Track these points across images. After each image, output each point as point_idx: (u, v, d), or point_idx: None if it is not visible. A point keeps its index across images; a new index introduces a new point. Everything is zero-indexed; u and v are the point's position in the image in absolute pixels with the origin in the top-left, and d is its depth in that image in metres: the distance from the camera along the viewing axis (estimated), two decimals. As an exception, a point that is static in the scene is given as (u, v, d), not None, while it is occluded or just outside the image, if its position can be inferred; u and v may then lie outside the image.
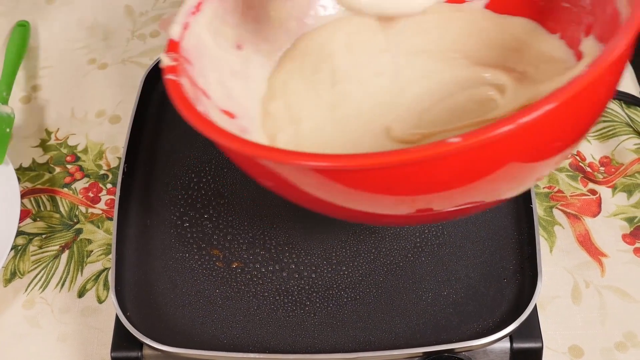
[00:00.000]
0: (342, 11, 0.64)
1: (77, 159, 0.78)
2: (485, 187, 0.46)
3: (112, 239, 0.63)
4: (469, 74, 0.59)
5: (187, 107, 0.50)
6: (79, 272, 0.70)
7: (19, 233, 0.73)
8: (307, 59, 0.63)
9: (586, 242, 0.70)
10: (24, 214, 0.74)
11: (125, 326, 0.58)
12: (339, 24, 0.64)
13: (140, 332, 0.58)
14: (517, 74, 0.58)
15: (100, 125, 0.81)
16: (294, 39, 0.64)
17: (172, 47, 0.54)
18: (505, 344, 0.58)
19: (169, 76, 0.51)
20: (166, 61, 0.52)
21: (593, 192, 0.73)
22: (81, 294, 0.69)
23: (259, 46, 0.62)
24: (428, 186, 0.45)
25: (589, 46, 0.55)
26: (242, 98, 0.52)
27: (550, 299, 0.67)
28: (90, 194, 0.75)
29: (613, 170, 0.74)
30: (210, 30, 0.57)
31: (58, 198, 0.75)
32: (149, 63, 0.76)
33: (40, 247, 0.72)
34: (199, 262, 0.63)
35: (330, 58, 0.62)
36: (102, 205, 0.75)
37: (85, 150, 0.79)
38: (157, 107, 0.73)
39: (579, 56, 0.57)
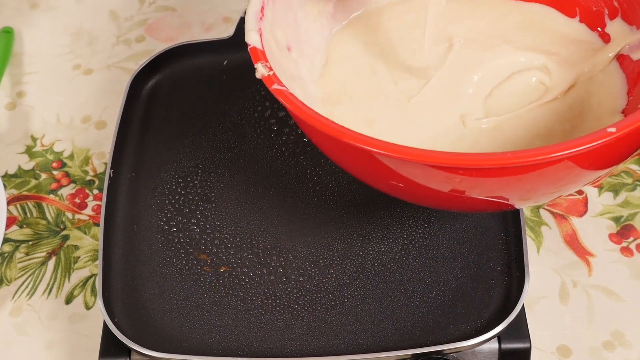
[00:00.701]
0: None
1: (63, 165, 0.78)
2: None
3: (99, 244, 0.63)
4: (516, 59, 0.62)
5: (312, 116, 0.50)
6: (66, 279, 0.70)
7: (5, 240, 0.72)
8: (358, 61, 0.64)
9: (573, 242, 0.70)
10: (10, 221, 0.74)
11: (113, 332, 0.58)
12: (367, 22, 0.66)
13: (128, 338, 0.57)
14: (554, 55, 0.61)
15: (86, 131, 0.80)
16: (328, 40, 0.65)
17: (259, 55, 0.54)
18: (494, 345, 0.58)
19: (276, 87, 0.52)
20: (264, 71, 0.53)
21: (579, 191, 0.73)
22: (69, 300, 0.69)
23: (301, 48, 0.62)
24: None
25: (617, 28, 0.60)
26: (305, 102, 0.54)
27: (537, 299, 0.67)
28: (77, 200, 0.75)
29: (599, 169, 0.74)
30: (271, 34, 0.58)
31: (44, 204, 0.75)
32: (135, 68, 0.76)
33: (27, 254, 0.72)
34: (187, 267, 0.63)
35: (382, 58, 0.64)
36: (88, 211, 0.74)
37: (71, 156, 0.78)
38: (143, 112, 0.73)
39: (604, 38, 0.61)
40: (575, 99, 0.58)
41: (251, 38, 0.55)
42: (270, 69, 0.53)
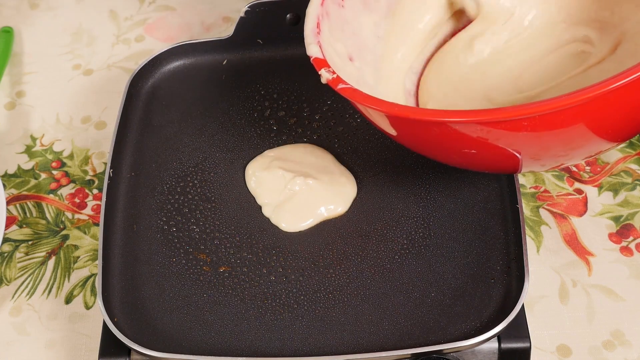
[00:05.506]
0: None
1: (63, 164, 0.78)
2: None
3: (99, 244, 0.63)
4: (558, 38, 0.63)
5: (381, 103, 0.54)
6: (66, 279, 0.70)
7: (5, 240, 0.72)
8: None
9: (573, 242, 0.70)
10: (10, 221, 0.74)
11: (113, 332, 0.58)
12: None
13: (128, 338, 0.57)
14: (598, 23, 0.61)
15: (85, 132, 0.80)
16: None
17: (322, 63, 0.58)
18: (494, 345, 0.58)
19: (341, 86, 0.56)
20: (328, 75, 0.57)
21: (579, 191, 0.73)
22: (68, 300, 0.69)
23: (363, 56, 0.65)
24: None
25: None
26: None
27: (537, 298, 0.67)
28: (77, 200, 0.75)
29: (599, 169, 0.74)
30: (330, 46, 0.61)
31: (44, 204, 0.75)
32: (134, 68, 0.76)
33: (26, 254, 0.72)
34: (186, 267, 0.63)
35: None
36: (88, 210, 0.74)
37: (70, 156, 0.78)
38: (143, 112, 0.73)
39: None
40: (626, 54, 0.59)
41: (312, 50, 0.59)
42: (334, 72, 0.57)
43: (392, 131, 0.57)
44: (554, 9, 0.64)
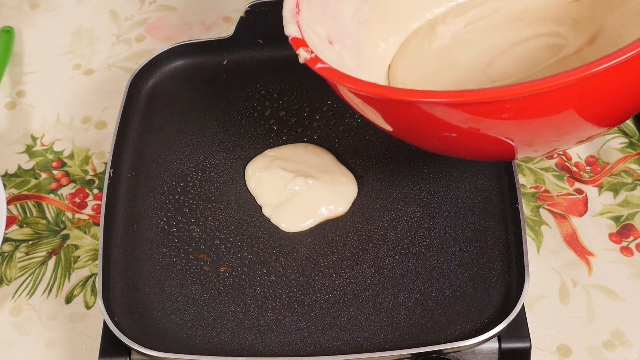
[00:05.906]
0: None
1: (63, 164, 0.78)
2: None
3: (99, 244, 0.63)
4: (525, 31, 0.62)
5: (356, 82, 0.53)
6: (66, 278, 0.70)
7: (5, 240, 0.72)
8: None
9: (573, 242, 0.70)
10: (10, 221, 0.74)
11: (113, 332, 0.58)
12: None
13: (128, 338, 0.57)
14: (570, 20, 0.61)
15: (86, 131, 0.80)
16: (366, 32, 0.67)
17: (300, 43, 0.57)
18: (494, 344, 0.58)
19: (319, 65, 0.54)
20: (306, 55, 0.55)
21: (579, 191, 0.73)
22: (69, 300, 0.69)
23: (343, 40, 0.64)
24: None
25: None
26: None
27: (537, 298, 0.67)
28: (77, 200, 0.75)
29: (599, 169, 0.74)
30: (310, 28, 0.60)
31: (44, 204, 0.75)
32: (135, 67, 0.76)
33: (27, 254, 0.72)
34: (187, 267, 0.63)
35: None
36: (88, 210, 0.74)
37: (71, 156, 0.78)
38: (143, 112, 0.73)
39: None
40: (607, 44, 0.58)
41: (290, 30, 0.57)
42: (312, 52, 0.55)
43: (378, 119, 0.56)
44: (518, 6, 0.65)
